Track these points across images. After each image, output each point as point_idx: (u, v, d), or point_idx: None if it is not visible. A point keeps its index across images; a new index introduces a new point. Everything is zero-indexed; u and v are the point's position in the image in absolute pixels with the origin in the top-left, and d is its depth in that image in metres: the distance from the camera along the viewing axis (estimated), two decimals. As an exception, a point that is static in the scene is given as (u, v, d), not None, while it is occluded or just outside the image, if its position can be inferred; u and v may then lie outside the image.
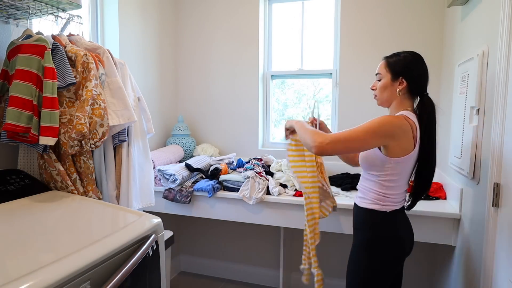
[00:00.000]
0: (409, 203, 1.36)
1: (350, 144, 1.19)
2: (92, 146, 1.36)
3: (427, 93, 1.31)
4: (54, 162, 1.35)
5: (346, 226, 1.81)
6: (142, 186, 1.70)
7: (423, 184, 1.31)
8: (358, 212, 1.36)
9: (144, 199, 1.72)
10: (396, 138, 1.20)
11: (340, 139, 1.19)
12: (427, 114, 1.26)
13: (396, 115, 1.26)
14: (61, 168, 1.37)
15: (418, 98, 1.32)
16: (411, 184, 1.33)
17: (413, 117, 1.26)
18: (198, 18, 2.64)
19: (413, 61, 1.31)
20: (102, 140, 1.38)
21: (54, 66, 1.30)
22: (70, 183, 1.38)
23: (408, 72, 1.30)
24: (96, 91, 1.36)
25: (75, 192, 1.40)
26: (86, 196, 1.42)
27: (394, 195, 1.28)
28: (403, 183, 1.29)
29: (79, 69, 1.37)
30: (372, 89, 1.41)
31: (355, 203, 1.39)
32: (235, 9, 2.54)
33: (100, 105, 1.36)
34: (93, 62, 1.40)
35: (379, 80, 1.37)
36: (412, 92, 1.31)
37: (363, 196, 1.33)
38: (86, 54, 1.39)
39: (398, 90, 1.30)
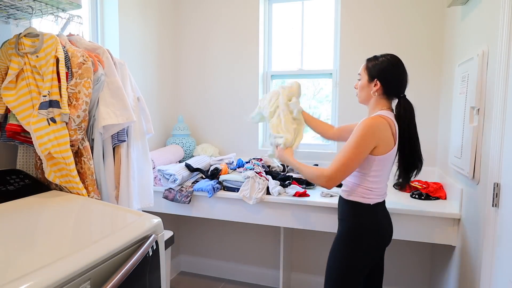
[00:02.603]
0: (400, 180, 1.46)
1: (348, 168, 1.33)
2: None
3: (405, 95, 1.41)
4: None
5: (346, 226, 1.81)
6: (141, 187, 1.70)
7: (410, 163, 1.43)
8: (344, 204, 1.45)
9: (143, 200, 1.71)
10: (380, 139, 1.32)
11: (339, 170, 1.33)
12: (404, 112, 1.38)
13: (373, 116, 1.37)
14: None
15: (397, 100, 1.42)
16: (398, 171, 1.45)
17: (390, 115, 1.37)
18: (198, 18, 2.64)
19: (389, 66, 1.41)
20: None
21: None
22: None
23: (382, 75, 1.40)
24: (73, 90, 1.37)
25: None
26: (88, 196, 1.43)
27: (378, 189, 1.39)
28: (385, 177, 1.41)
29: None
30: (355, 88, 1.54)
31: (340, 196, 1.48)
32: (235, 9, 2.54)
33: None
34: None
35: (359, 80, 1.50)
36: (388, 94, 1.42)
37: (349, 190, 1.42)
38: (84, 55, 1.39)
39: (372, 91, 1.42)
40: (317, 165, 2.34)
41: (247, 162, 2.21)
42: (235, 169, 2.23)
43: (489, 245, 1.26)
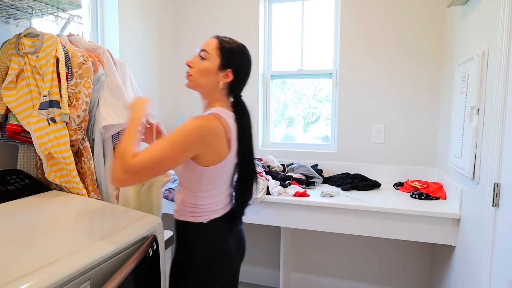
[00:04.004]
0: (233, 216, 1.20)
1: (157, 167, 0.98)
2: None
3: (241, 95, 1.20)
4: None
5: (344, 226, 1.81)
6: (142, 186, 1.70)
7: (244, 192, 1.19)
8: (175, 225, 1.18)
9: (144, 199, 1.71)
10: (208, 145, 1.04)
11: (144, 165, 0.96)
12: (245, 116, 1.15)
13: (206, 114, 1.08)
14: None
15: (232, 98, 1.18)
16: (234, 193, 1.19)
17: (227, 115, 1.11)
18: (198, 18, 2.64)
19: (246, 57, 1.16)
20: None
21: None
22: None
23: (238, 66, 1.14)
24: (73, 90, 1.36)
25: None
26: (88, 196, 1.43)
27: (212, 204, 1.13)
28: (222, 189, 1.15)
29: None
30: (189, 65, 1.16)
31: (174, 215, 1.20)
32: (235, 9, 2.54)
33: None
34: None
35: (203, 59, 1.13)
36: (232, 91, 1.17)
37: (178, 208, 1.16)
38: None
39: (222, 82, 1.13)
40: (317, 165, 2.35)
41: (247, 162, 2.21)
42: (235, 169, 2.23)
43: (489, 245, 1.26)
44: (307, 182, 2.11)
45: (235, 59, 1.13)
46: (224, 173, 1.13)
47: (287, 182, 2.03)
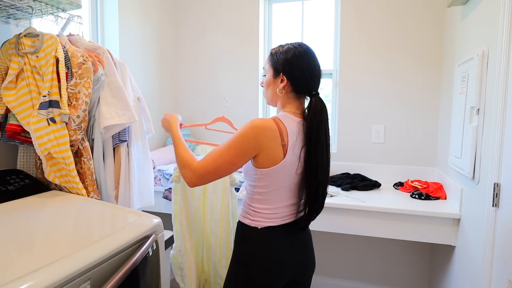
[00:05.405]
0: (299, 222, 1.17)
1: (218, 170, 1.08)
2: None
3: (317, 93, 1.15)
4: None
5: (344, 226, 1.81)
6: (141, 186, 1.70)
7: (311, 201, 1.15)
8: (237, 226, 1.24)
9: (144, 199, 1.71)
10: (263, 147, 1.07)
11: (207, 169, 1.07)
12: (311, 118, 1.11)
13: (268, 118, 1.13)
14: None
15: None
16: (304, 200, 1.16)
17: (289, 121, 1.12)
18: (198, 18, 2.64)
19: (295, 56, 1.14)
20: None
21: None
22: None
23: (287, 68, 1.14)
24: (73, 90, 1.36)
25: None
26: (87, 196, 1.43)
27: (267, 210, 1.14)
28: (278, 198, 1.14)
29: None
30: (261, 86, 1.26)
31: None
32: (235, 9, 2.54)
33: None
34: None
35: (264, 76, 1.23)
36: (297, 91, 1.16)
37: (242, 209, 1.23)
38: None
39: (278, 88, 1.16)
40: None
41: (247, 162, 2.21)
42: (235, 169, 2.23)
43: (489, 245, 1.26)
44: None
45: (282, 62, 1.15)
46: (279, 180, 1.12)
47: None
